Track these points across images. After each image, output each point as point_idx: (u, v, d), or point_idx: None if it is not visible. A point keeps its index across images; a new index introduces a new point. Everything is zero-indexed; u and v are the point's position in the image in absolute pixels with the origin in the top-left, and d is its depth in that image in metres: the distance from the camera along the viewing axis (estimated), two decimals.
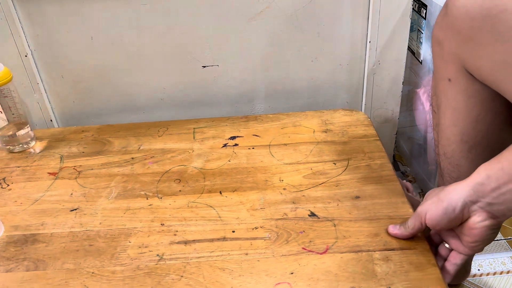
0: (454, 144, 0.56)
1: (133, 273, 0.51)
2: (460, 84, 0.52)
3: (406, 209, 0.57)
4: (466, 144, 0.55)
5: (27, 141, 0.76)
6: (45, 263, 0.54)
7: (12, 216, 0.61)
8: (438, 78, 0.56)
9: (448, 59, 0.52)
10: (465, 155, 0.56)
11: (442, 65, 0.54)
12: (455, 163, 0.58)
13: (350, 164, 0.66)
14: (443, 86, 0.55)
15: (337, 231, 0.55)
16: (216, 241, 0.55)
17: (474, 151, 0.55)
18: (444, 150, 0.58)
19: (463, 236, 0.50)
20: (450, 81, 0.53)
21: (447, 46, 0.51)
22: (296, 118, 0.79)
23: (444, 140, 0.58)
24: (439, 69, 0.55)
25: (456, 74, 0.52)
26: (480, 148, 0.55)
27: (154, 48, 0.79)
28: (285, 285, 0.49)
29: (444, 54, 0.52)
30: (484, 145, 0.55)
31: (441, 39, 0.52)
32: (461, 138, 0.55)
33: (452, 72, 0.52)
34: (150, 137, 0.76)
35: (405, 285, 0.48)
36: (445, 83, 0.54)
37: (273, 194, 0.62)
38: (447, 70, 0.53)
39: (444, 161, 0.59)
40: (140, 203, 0.62)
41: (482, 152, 0.55)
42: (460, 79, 0.52)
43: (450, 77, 0.53)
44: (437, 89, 0.57)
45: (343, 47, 0.80)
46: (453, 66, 0.52)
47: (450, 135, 0.56)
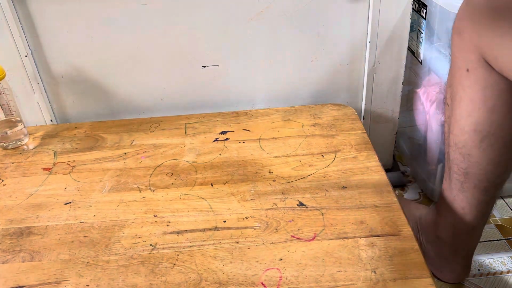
0: (467, 134, 0.57)
1: (127, 262, 0.53)
2: (477, 74, 0.53)
3: (390, 198, 0.59)
4: (480, 134, 0.56)
5: (20, 138, 0.77)
6: (40, 254, 0.55)
7: (7, 210, 0.62)
8: (455, 69, 0.56)
9: (467, 49, 0.53)
10: (477, 145, 0.57)
11: (461, 55, 0.54)
12: (466, 153, 0.58)
13: (337, 156, 0.68)
14: (459, 77, 0.55)
15: (324, 220, 0.57)
16: (208, 231, 0.57)
17: (487, 141, 0.56)
18: (456, 140, 0.59)
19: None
20: (468, 71, 0.54)
21: (466, 35, 0.52)
22: (286, 113, 0.81)
23: (457, 130, 0.58)
24: (457, 59, 0.55)
25: (474, 64, 0.53)
26: (493, 139, 0.56)
27: (154, 48, 0.79)
28: (274, 271, 0.50)
29: (463, 44, 0.53)
30: (497, 136, 0.56)
31: (461, 29, 0.53)
32: (474, 128, 0.56)
33: (470, 62, 0.53)
34: (142, 132, 0.78)
35: (389, 269, 0.50)
36: (462, 73, 0.55)
37: (263, 186, 0.63)
38: (466, 60, 0.54)
39: (454, 152, 0.60)
40: (133, 196, 0.63)
41: (495, 143, 0.56)
42: (478, 70, 0.53)
43: (468, 67, 0.54)
44: (453, 80, 0.57)
45: (343, 47, 0.81)
46: (472, 56, 0.53)
47: (464, 125, 0.57)
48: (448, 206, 0.65)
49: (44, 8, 0.75)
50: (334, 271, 0.50)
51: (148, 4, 0.75)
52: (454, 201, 0.63)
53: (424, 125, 0.85)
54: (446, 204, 0.65)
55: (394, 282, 0.48)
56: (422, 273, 0.49)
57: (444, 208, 0.66)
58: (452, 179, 0.63)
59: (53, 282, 0.51)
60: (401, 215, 0.57)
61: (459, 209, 0.63)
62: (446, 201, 0.65)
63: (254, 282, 0.49)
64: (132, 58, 0.80)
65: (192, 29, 0.78)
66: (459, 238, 0.66)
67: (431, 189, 0.87)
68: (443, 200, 0.66)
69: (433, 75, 0.81)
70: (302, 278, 0.49)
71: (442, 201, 0.67)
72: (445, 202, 0.66)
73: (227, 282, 0.49)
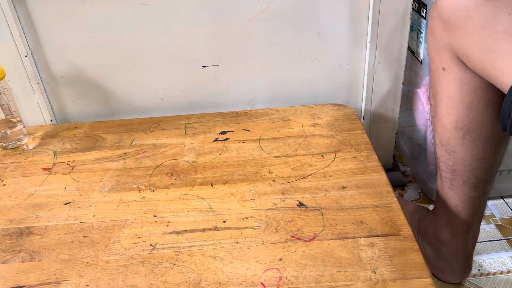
0: (449, 131, 0.58)
1: (126, 262, 0.53)
2: (453, 72, 0.54)
3: (390, 198, 0.59)
4: (461, 130, 0.57)
5: (20, 138, 0.77)
6: (40, 254, 0.55)
7: (7, 210, 0.62)
8: (433, 69, 0.57)
9: (440, 48, 0.54)
10: (460, 141, 0.58)
11: (436, 55, 0.55)
12: (450, 150, 0.59)
13: (337, 156, 0.68)
14: (438, 76, 0.57)
15: (324, 220, 0.57)
16: (208, 231, 0.57)
17: (468, 137, 0.57)
18: (440, 138, 0.60)
19: None
20: (444, 70, 0.55)
21: (438, 35, 0.53)
22: (286, 113, 0.81)
23: (440, 128, 0.60)
24: (433, 59, 0.57)
25: (449, 63, 0.54)
26: (474, 135, 0.57)
27: (154, 48, 0.79)
28: (274, 271, 0.50)
29: (437, 43, 0.54)
30: (478, 132, 0.57)
31: (434, 29, 0.54)
32: (455, 125, 0.57)
33: (445, 61, 0.54)
34: (142, 132, 0.78)
35: (389, 269, 0.50)
36: (439, 72, 0.56)
37: (262, 186, 0.63)
38: (441, 60, 0.55)
39: (440, 150, 0.61)
40: (133, 196, 0.63)
41: (476, 139, 0.57)
42: (453, 68, 0.54)
43: (443, 66, 0.55)
44: (433, 80, 0.59)
45: (343, 47, 0.80)
46: (446, 55, 0.53)
47: (446, 123, 0.58)
48: (443, 205, 0.66)
49: (44, 8, 0.75)
50: (334, 271, 0.50)
51: (148, 4, 0.75)
52: (447, 199, 0.64)
53: (424, 125, 0.85)
54: (441, 203, 0.66)
55: (394, 282, 0.48)
56: (422, 273, 0.49)
57: (440, 208, 0.67)
58: (442, 178, 0.64)
59: (53, 282, 0.51)
60: (401, 215, 0.57)
61: (453, 207, 0.64)
62: (440, 200, 0.66)
63: (254, 282, 0.49)
64: (132, 58, 0.80)
65: (192, 29, 0.78)
66: (457, 237, 0.66)
67: (431, 189, 0.87)
68: (439, 199, 0.67)
69: None
70: (301, 278, 0.49)
71: (438, 201, 0.67)
72: (440, 201, 0.66)
73: (227, 282, 0.49)
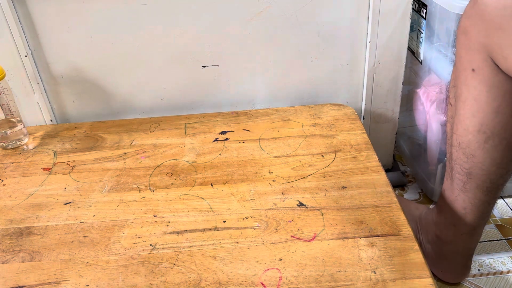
0: (471, 134, 0.57)
1: (126, 262, 0.53)
2: (483, 74, 0.53)
3: (390, 198, 0.59)
4: (484, 134, 0.56)
5: (20, 138, 0.77)
6: (40, 254, 0.55)
7: (7, 210, 0.62)
8: (460, 69, 0.56)
9: (474, 48, 0.53)
10: (481, 145, 0.57)
11: (467, 55, 0.54)
12: (469, 153, 0.58)
13: (337, 156, 0.68)
14: (465, 77, 0.55)
15: (324, 220, 0.57)
16: (208, 231, 0.57)
17: (491, 142, 0.56)
18: (460, 140, 0.59)
19: None
20: (474, 71, 0.54)
21: (474, 35, 0.52)
22: (286, 113, 0.81)
23: (460, 130, 0.58)
24: (462, 59, 0.55)
25: (480, 64, 0.53)
26: (497, 140, 0.56)
27: (154, 48, 0.79)
28: (274, 271, 0.50)
29: (470, 43, 0.53)
30: (501, 137, 0.56)
31: (468, 28, 0.52)
32: (479, 128, 0.56)
33: (477, 62, 0.53)
34: (142, 132, 0.78)
35: (389, 269, 0.50)
36: (467, 73, 0.55)
37: (262, 186, 0.63)
38: (472, 60, 0.53)
39: (458, 152, 0.60)
40: (133, 196, 0.63)
41: (499, 144, 0.56)
42: (484, 70, 0.53)
43: (474, 67, 0.54)
44: (457, 80, 0.57)
45: (343, 47, 0.80)
46: (479, 56, 0.52)
47: (469, 125, 0.57)
48: (449, 206, 0.65)
49: (44, 8, 0.75)
50: (334, 271, 0.50)
51: (148, 4, 0.75)
52: (456, 201, 0.63)
53: (424, 125, 0.85)
54: (447, 204, 0.65)
55: (394, 282, 0.48)
56: (422, 273, 0.49)
57: (444, 208, 0.66)
58: (454, 179, 0.63)
59: (53, 282, 0.51)
60: (401, 215, 0.57)
61: (461, 209, 0.63)
62: (447, 201, 0.65)
63: (254, 282, 0.49)
64: (132, 58, 0.80)
65: (192, 29, 0.78)
66: (460, 238, 0.66)
67: (431, 189, 0.87)
68: (444, 200, 0.66)
69: (433, 75, 0.81)
70: (302, 278, 0.49)
71: (443, 201, 0.67)
72: (446, 202, 0.65)
73: (227, 282, 0.49)
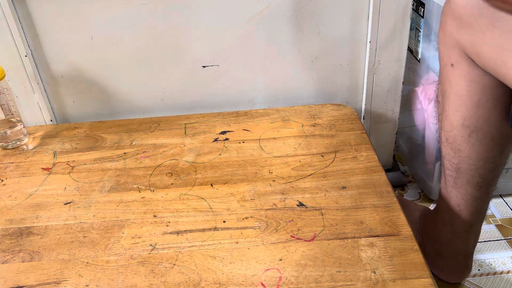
0: (456, 129, 0.58)
1: (126, 262, 0.53)
2: (462, 69, 0.54)
3: (390, 198, 0.59)
4: (467, 128, 0.57)
5: (20, 138, 0.77)
6: (40, 255, 0.55)
7: (7, 210, 0.62)
8: (442, 65, 0.57)
9: (450, 44, 0.54)
10: (466, 139, 0.58)
11: (445, 51, 0.55)
12: (456, 148, 0.59)
13: (337, 157, 0.68)
14: (446, 72, 0.56)
15: (324, 220, 0.57)
16: (208, 231, 0.57)
17: (475, 135, 0.57)
18: (447, 135, 0.60)
19: None
20: (453, 66, 0.55)
21: (449, 31, 0.53)
22: (286, 113, 0.81)
23: (447, 125, 0.59)
24: (443, 55, 0.56)
25: (458, 59, 0.54)
26: (481, 134, 0.56)
27: (154, 48, 0.79)
28: (274, 271, 0.50)
29: (446, 39, 0.54)
30: (485, 131, 0.56)
31: (444, 25, 0.54)
32: (462, 123, 0.57)
33: (455, 58, 0.54)
34: (142, 132, 0.78)
35: (389, 269, 0.50)
36: (448, 68, 0.56)
37: (262, 186, 0.63)
38: (450, 56, 0.54)
39: (446, 147, 0.61)
40: (133, 196, 0.63)
41: (483, 138, 0.57)
42: (461, 64, 0.53)
43: (452, 62, 0.55)
44: (441, 76, 0.58)
45: (343, 47, 0.80)
46: (455, 51, 0.53)
47: (453, 120, 0.58)
48: (445, 204, 0.65)
49: (44, 8, 0.75)
50: (334, 271, 0.50)
51: (148, 4, 0.75)
52: (450, 198, 0.64)
53: (422, 124, 0.85)
54: (443, 202, 0.66)
55: (394, 283, 0.48)
56: (422, 273, 0.49)
57: (442, 206, 0.67)
58: (446, 176, 0.64)
59: (53, 282, 0.51)
60: (401, 215, 0.57)
61: (455, 206, 0.64)
62: (442, 199, 0.66)
63: (253, 282, 0.49)
64: (132, 58, 0.80)
65: (192, 29, 0.78)
66: (458, 236, 0.66)
67: (429, 188, 0.87)
68: (441, 198, 0.67)
69: (431, 74, 0.81)
70: (301, 278, 0.49)
71: (440, 200, 0.67)
72: (442, 200, 0.66)
73: (227, 282, 0.49)
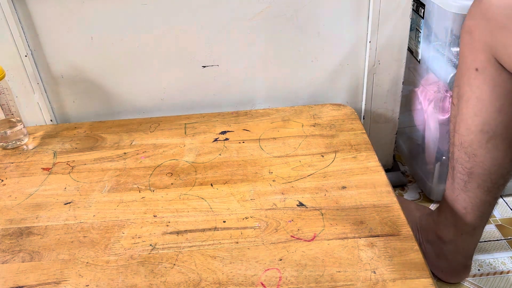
0: (473, 134, 0.57)
1: (126, 262, 0.53)
2: (487, 73, 0.53)
3: (390, 198, 0.59)
4: (486, 134, 0.56)
5: (20, 138, 0.77)
6: (40, 255, 0.55)
7: (7, 210, 0.62)
8: (464, 68, 0.56)
9: (478, 48, 0.53)
10: (483, 145, 0.57)
11: (471, 55, 0.54)
12: (471, 153, 0.58)
13: (337, 157, 0.68)
14: (468, 76, 0.55)
15: (324, 220, 0.57)
16: (208, 231, 0.57)
17: (493, 141, 0.56)
18: (462, 139, 0.59)
19: None
20: (477, 71, 0.54)
21: (478, 34, 0.52)
22: (286, 113, 0.81)
23: (463, 129, 0.58)
24: (466, 59, 0.55)
25: (484, 64, 0.53)
26: (499, 139, 0.56)
27: (154, 48, 0.79)
28: (274, 271, 0.50)
29: (474, 43, 0.53)
30: (503, 137, 0.56)
31: (472, 28, 0.53)
32: (481, 128, 0.56)
33: (481, 62, 0.53)
34: (142, 132, 0.78)
35: (389, 269, 0.50)
36: (471, 72, 0.55)
37: (262, 186, 0.63)
38: (476, 60, 0.54)
39: (459, 151, 0.60)
40: (133, 196, 0.63)
41: (500, 144, 0.56)
42: (488, 69, 0.53)
43: (477, 67, 0.54)
44: (461, 80, 0.57)
45: (343, 47, 0.80)
46: (482, 55, 0.53)
47: (471, 125, 0.57)
48: (449, 205, 0.65)
49: (44, 8, 0.75)
50: (334, 271, 0.50)
51: (148, 4, 0.75)
52: (457, 200, 0.63)
53: (422, 124, 0.85)
54: (447, 203, 0.65)
55: (394, 283, 0.48)
56: (422, 273, 0.49)
57: (445, 207, 0.66)
58: (455, 179, 0.63)
59: (53, 282, 0.51)
60: (401, 215, 0.57)
61: (461, 208, 0.63)
62: (448, 200, 0.65)
63: (253, 282, 0.49)
64: (132, 58, 0.80)
65: (192, 29, 0.78)
66: (460, 238, 0.66)
67: (429, 188, 0.87)
68: (445, 199, 0.66)
69: (431, 74, 0.81)
70: (301, 278, 0.49)
71: (444, 201, 0.67)
72: (447, 201, 0.65)
73: (227, 282, 0.49)
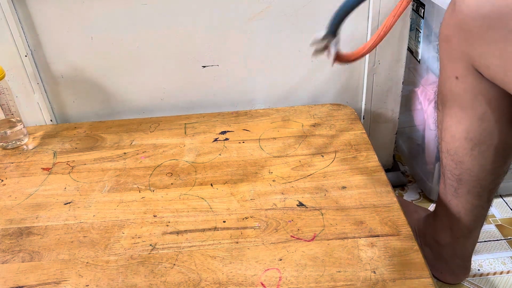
0: (458, 141, 0.56)
1: (126, 262, 0.53)
2: (467, 82, 0.52)
3: (390, 198, 0.59)
4: (470, 141, 0.55)
5: (20, 138, 0.77)
6: (40, 255, 0.55)
7: (6, 210, 0.62)
8: (445, 76, 0.55)
9: (456, 56, 0.52)
10: (469, 152, 0.56)
11: (450, 63, 0.53)
12: (458, 160, 0.58)
13: (337, 156, 0.68)
14: (449, 84, 0.55)
15: (324, 220, 0.57)
16: (208, 231, 0.57)
17: (478, 149, 0.56)
18: (448, 147, 0.58)
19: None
20: (458, 79, 0.53)
21: (455, 43, 0.51)
22: (286, 113, 0.81)
23: (448, 137, 0.58)
24: (446, 66, 0.54)
25: (464, 72, 0.52)
26: (484, 146, 0.55)
27: (154, 48, 0.79)
28: (274, 271, 0.50)
29: (452, 51, 0.52)
30: (488, 144, 0.55)
31: (450, 37, 0.51)
32: (465, 135, 0.55)
33: (460, 70, 0.52)
34: (142, 132, 0.78)
35: (389, 269, 0.50)
36: (452, 81, 0.54)
37: (262, 186, 0.63)
38: (455, 68, 0.53)
39: (446, 158, 0.59)
40: (133, 196, 0.63)
41: (486, 150, 0.56)
42: (467, 77, 0.52)
43: (457, 75, 0.53)
44: (443, 88, 0.56)
45: (343, 47, 0.79)
46: (461, 64, 0.52)
47: (455, 133, 0.56)
48: (444, 210, 0.65)
49: (44, 8, 0.75)
50: (334, 271, 0.50)
51: (148, 4, 0.75)
52: (450, 205, 0.63)
53: (422, 125, 0.85)
54: (442, 207, 0.65)
55: (394, 283, 0.48)
56: (422, 273, 0.49)
57: (440, 211, 0.66)
58: (446, 185, 0.62)
59: (53, 282, 0.51)
60: (401, 215, 0.57)
61: (455, 213, 0.63)
62: (442, 204, 0.65)
63: (253, 282, 0.49)
64: (132, 58, 0.80)
65: (192, 29, 0.78)
66: (457, 241, 0.65)
67: (429, 188, 0.87)
68: (440, 203, 0.66)
69: (431, 74, 0.81)
70: (301, 278, 0.49)
71: (439, 204, 0.66)
72: (442, 205, 0.65)
73: (227, 282, 0.49)
